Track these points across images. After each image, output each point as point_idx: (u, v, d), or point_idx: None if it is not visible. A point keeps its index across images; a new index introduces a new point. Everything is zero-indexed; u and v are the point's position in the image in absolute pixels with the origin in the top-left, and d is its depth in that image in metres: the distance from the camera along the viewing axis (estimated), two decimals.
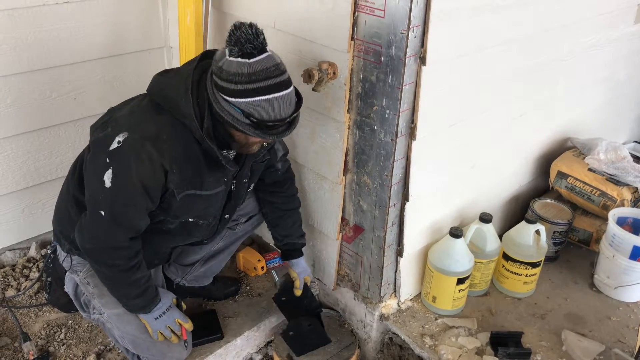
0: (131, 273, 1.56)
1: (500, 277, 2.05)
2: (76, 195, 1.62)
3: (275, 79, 1.33)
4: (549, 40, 1.95)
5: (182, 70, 1.49)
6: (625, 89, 2.67)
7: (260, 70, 1.31)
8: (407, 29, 1.42)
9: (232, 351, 1.97)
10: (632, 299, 2.02)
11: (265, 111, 1.34)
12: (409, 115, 1.59)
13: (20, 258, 2.29)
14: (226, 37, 1.32)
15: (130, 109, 1.51)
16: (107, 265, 1.55)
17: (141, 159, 1.41)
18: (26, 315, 2.02)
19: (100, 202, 1.45)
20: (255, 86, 1.31)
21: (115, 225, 1.48)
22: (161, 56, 2.36)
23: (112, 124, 1.48)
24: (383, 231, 1.76)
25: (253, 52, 1.31)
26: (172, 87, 1.44)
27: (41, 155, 2.16)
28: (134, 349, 1.73)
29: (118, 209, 1.46)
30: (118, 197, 1.45)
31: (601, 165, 2.19)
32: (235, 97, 1.34)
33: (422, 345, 1.83)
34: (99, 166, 1.44)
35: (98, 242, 1.51)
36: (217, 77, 1.35)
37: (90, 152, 1.52)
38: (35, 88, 2.04)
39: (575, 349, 1.79)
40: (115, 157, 1.42)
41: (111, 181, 1.42)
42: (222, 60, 1.34)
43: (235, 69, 1.31)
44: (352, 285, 1.99)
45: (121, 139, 1.41)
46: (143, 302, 1.65)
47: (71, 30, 2.04)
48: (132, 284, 1.60)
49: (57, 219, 1.76)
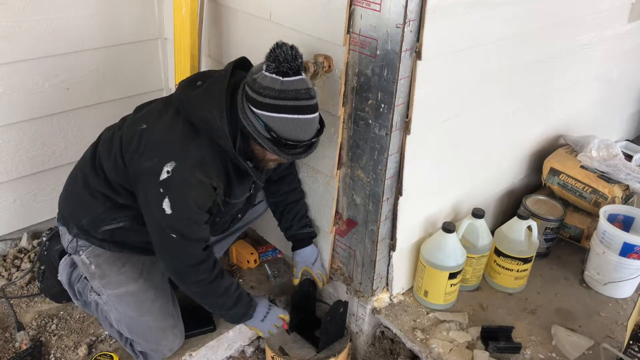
0: (217, 283, 1.64)
1: (491, 272, 2.06)
2: (98, 188, 1.65)
3: (303, 101, 1.39)
4: (543, 38, 1.96)
5: (214, 87, 1.49)
6: (618, 88, 2.69)
7: (291, 90, 1.37)
8: (403, 23, 1.43)
9: (224, 343, 1.97)
10: (621, 295, 2.04)
11: (286, 129, 1.40)
12: (404, 109, 1.59)
13: (11, 249, 2.28)
14: (266, 53, 1.39)
15: (166, 131, 1.52)
16: (195, 283, 1.62)
17: (193, 186, 1.49)
18: (17, 305, 2.02)
19: (168, 227, 1.52)
20: (283, 103, 1.37)
21: (187, 242, 1.55)
22: (156, 48, 2.35)
23: (154, 152, 1.50)
24: (376, 225, 1.77)
25: (288, 72, 1.37)
26: (206, 109, 1.47)
27: (33, 146, 2.14)
28: (130, 332, 1.75)
29: (185, 229, 1.53)
30: (181, 220, 1.52)
31: (593, 163, 2.21)
32: (261, 109, 1.40)
33: (413, 339, 1.84)
34: (155, 196, 1.49)
35: (179, 262, 1.59)
36: (249, 87, 1.42)
37: (138, 181, 1.55)
38: (28, 78, 2.03)
39: (564, 344, 1.81)
40: (169, 187, 1.47)
41: (171, 208, 1.48)
42: (258, 74, 1.40)
43: (268, 83, 1.38)
44: (345, 278, 1.99)
45: (170, 169, 1.46)
46: (242, 310, 1.73)
47: (65, 20, 2.03)
48: (224, 294, 1.67)
49: (68, 204, 1.75)
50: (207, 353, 1.91)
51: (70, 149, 2.24)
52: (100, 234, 1.68)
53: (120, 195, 1.64)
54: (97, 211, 1.66)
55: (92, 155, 1.69)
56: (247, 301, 1.75)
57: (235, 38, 1.99)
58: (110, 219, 1.66)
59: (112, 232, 1.68)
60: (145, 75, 2.37)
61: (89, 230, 1.69)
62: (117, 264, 1.73)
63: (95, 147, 1.71)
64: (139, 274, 1.75)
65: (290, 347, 1.90)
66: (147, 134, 1.54)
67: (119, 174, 1.61)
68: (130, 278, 1.73)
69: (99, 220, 1.67)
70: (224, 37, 2.04)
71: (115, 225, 1.67)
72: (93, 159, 1.68)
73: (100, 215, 1.66)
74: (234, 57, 2.01)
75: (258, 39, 1.88)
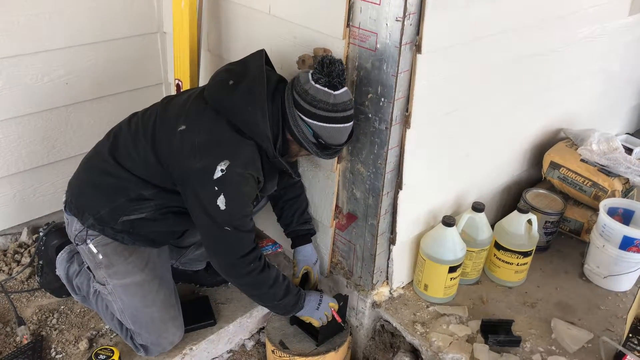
0: (267, 273, 1.67)
1: (491, 266, 2.06)
2: (120, 181, 1.66)
3: (348, 111, 1.53)
4: (544, 31, 1.95)
5: (255, 90, 1.53)
6: (619, 81, 2.69)
7: (341, 102, 1.50)
8: (403, 16, 1.42)
9: (225, 337, 1.97)
10: (621, 288, 2.05)
11: (333, 137, 1.54)
12: (404, 103, 1.59)
13: (11, 243, 2.28)
14: (315, 64, 1.49)
15: (213, 133, 1.55)
16: (248, 274, 1.65)
17: (247, 179, 1.57)
18: (18, 300, 2.02)
19: (223, 222, 1.57)
20: (334, 115, 1.50)
21: (241, 234, 1.61)
22: (155, 41, 2.34)
23: (203, 153, 1.53)
24: (376, 219, 1.77)
25: (337, 85, 1.48)
26: (249, 113, 1.53)
27: (33, 140, 2.14)
28: (133, 323, 1.76)
29: (238, 222, 1.59)
30: (235, 214, 1.58)
31: (593, 156, 2.21)
32: (312, 119, 1.51)
33: (413, 332, 1.84)
34: (208, 194, 1.54)
35: (231, 255, 1.63)
36: (300, 97, 1.51)
37: (186, 182, 1.58)
38: (27, 72, 2.02)
39: (564, 337, 1.81)
40: (224, 184, 1.53)
41: (225, 204, 1.54)
42: (307, 84, 1.49)
43: (321, 97, 1.48)
44: (345, 272, 2.00)
45: (224, 167, 1.51)
46: (293, 300, 1.76)
47: (64, 14, 2.02)
48: (274, 284, 1.70)
49: (84, 194, 1.74)
50: (207, 347, 1.92)
51: (69, 144, 2.24)
52: (120, 224, 1.68)
53: (147, 189, 1.65)
54: (118, 201, 1.67)
55: (111, 148, 1.69)
56: (296, 291, 1.77)
57: (235, 31, 1.98)
58: (132, 209, 1.67)
59: (132, 223, 1.69)
60: (145, 69, 2.36)
61: (107, 220, 1.68)
62: (124, 254, 1.74)
63: (115, 139, 1.70)
64: (145, 264, 1.76)
65: (291, 340, 1.90)
66: (191, 136, 1.56)
67: (151, 172, 1.63)
68: (136, 268, 1.75)
69: (119, 210, 1.67)
70: (223, 31, 2.03)
71: (137, 215, 1.68)
72: (112, 151, 1.68)
73: (121, 206, 1.67)
74: (233, 50, 2.03)
75: (257, 32, 1.88)
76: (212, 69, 2.15)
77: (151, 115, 1.67)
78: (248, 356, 2.07)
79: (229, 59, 2.06)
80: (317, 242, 2.02)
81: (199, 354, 1.90)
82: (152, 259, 1.79)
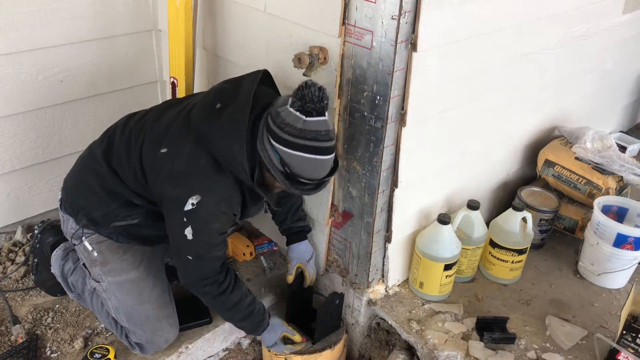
0: (226, 297, 1.67)
1: (486, 263, 2.07)
2: (113, 188, 1.67)
3: (321, 142, 1.41)
4: (538, 29, 1.96)
5: (235, 118, 1.47)
6: (613, 79, 2.70)
7: (312, 130, 1.39)
8: (399, 14, 1.42)
9: (221, 335, 1.97)
10: (615, 285, 2.06)
11: (300, 167, 1.43)
12: (399, 101, 1.59)
13: (5, 242, 2.27)
14: (295, 89, 1.40)
15: (190, 163, 1.52)
16: (203, 294, 1.68)
17: (217, 216, 1.54)
18: (12, 299, 2.01)
19: (186, 249, 1.57)
20: (301, 142, 1.40)
21: (201, 262, 1.60)
22: (150, 39, 2.34)
23: (178, 183, 1.52)
24: (372, 217, 1.77)
25: (312, 112, 1.38)
26: (226, 146, 1.47)
27: (27, 139, 2.13)
28: (127, 321, 1.76)
29: (203, 251, 1.58)
30: (201, 246, 1.57)
31: (588, 154, 2.22)
32: (279, 143, 1.42)
33: (409, 330, 1.85)
34: (177, 223, 1.53)
35: (191, 277, 1.64)
36: (271, 119, 1.43)
37: (162, 203, 1.59)
38: (22, 70, 2.01)
39: (558, 334, 1.82)
40: (193, 217, 1.51)
41: (192, 235, 1.52)
42: (282, 107, 1.41)
43: (290, 120, 1.39)
44: (341, 270, 2.00)
45: (195, 202, 1.49)
46: (251, 326, 1.79)
47: (58, 12, 2.01)
48: (234, 308, 1.71)
49: (79, 196, 1.74)
50: (203, 345, 1.92)
51: (64, 142, 2.23)
52: (112, 228, 1.70)
53: (136, 198, 1.67)
54: (111, 206, 1.68)
55: (105, 151, 1.69)
56: (257, 321, 1.78)
57: (230, 29, 1.98)
58: (124, 215, 1.69)
59: (124, 227, 1.71)
60: (140, 67, 2.35)
61: (100, 222, 1.71)
62: (119, 251, 1.75)
63: (110, 143, 1.69)
64: (139, 261, 1.77)
65: None
66: (169, 162, 1.54)
67: (139, 185, 1.64)
68: (131, 265, 1.76)
69: (112, 215, 1.69)
70: (219, 29, 2.03)
71: (129, 221, 1.69)
72: (107, 159, 1.68)
73: (113, 211, 1.68)
74: (228, 48, 2.02)
75: (253, 30, 1.88)
76: (208, 67, 2.16)
77: (144, 125, 1.66)
78: (244, 354, 2.07)
79: (224, 56, 2.06)
80: (313, 240, 2.03)
81: (195, 353, 1.89)
82: (147, 257, 1.80)
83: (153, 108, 1.73)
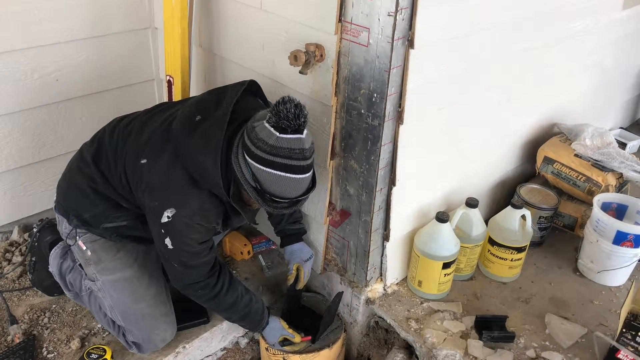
0: (219, 299, 1.68)
1: (485, 261, 2.06)
2: (102, 190, 1.68)
3: (295, 161, 1.37)
4: (537, 25, 1.94)
5: (211, 132, 1.46)
6: (612, 76, 2.68)
7: (284, 147, 1.35)
8: (395, 11, 1.41)
9: (218, 335, 1.97)
10: (614, 283, 2.05)
11: (272, 184, 1.39)
12: (397, 99, 1.58)
13: (2, 242, 2.26)
14: (273, 105, 1.36)
15: (165, 176, 1.52)
16: (196, 297, 1.70)
17: (194, 229, 1.54)
18: (9, 299, 2.00)
19: (170, 257, 1.60)
20: (273, 159, 1.36)
21: (187, 269, 1.62)
22: (146, 37, 2.32)
23: (154, 195, 1.53)
24: (370, 216, 1.76)
25: (286, 129, 1.34)
26: (201, 162, 1.47)
27: (23, 138, 2.12)
28: (123, 320, 1.76)
29: (185, 260, 1.59)
30: (183, 255, 1.58)
31: (587, 151, 2.21)
32: (252, 159, 1.39)
33: (407, 328, 1.84)
34: (157, 233, 1.56)
35: (180, 282, 1.67)
36: (247, 134, 1.41)
37: (146, 212, 1.60)
38: (16, 69, 2.00)
39: (558, 332, 1.81)
40: (169, 229, 1.53)
41: (172, 245, 1.55)
42: (259, 122, 1.38)
43: (263, 136, 1.36)
44: (339, 269, 1.99)
45: (170, 215, 1.50)
46: (249, 325, 1.84)
47: (53, 10, 2.00)
48: (229, 309, 1.74)
49: (70, 197, 1.76)
50: (201, 345, 1.91)
51: (60, 141, 2.22)
52: (102, 229, 1.72)
53: (124, 202, 1.68)
54: (99, 208, 1.70)
55: (94, 155, 1.69)
56: (256, 320, 1.79)
57: (226, 27, 1.97)
58: (113, 217, 1.70)
59: (114, 229, 1.73)
60: (136, 65, 2.34)
61: (91, 223, 1.73)
62: (112, 249, 1.76)
63: (99, 147, 1.70)
64: (133, 260, 1.78)
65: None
66: (147, 173, 1.54)
67: (125, 191, 1.65)
68: (125, 264, 1.76)
69: (102, 217, 1.70)
70: (215, 26, 2.01)
71: (118, 223, 1.71)
72: (96, 162, 1.68)
73: (103, 213, 1.70)
74: (224, 46, 2.01)
75: (249, 27, 1.86)
76: (204, 65, 2.15)
77: (130, 133, 1.65)
78: (242, 354, 2.07)
79: (220, 54, 2.04)
80: (310, 239, 2.02)
81: (193, 352, 1.89)
82: (142, 256, 1.80)
83: (142, 112, 1.73)
